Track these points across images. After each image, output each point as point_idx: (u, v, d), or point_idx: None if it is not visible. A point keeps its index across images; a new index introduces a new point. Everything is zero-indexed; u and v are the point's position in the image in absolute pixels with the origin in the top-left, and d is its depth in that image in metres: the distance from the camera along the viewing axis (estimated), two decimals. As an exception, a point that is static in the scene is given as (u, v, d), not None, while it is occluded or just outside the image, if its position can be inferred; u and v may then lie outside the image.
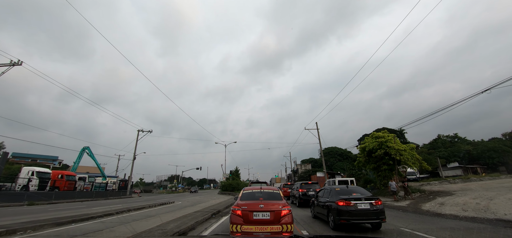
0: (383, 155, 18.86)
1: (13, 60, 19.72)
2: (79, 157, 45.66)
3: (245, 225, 5.39)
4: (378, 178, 20.27)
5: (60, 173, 31.09)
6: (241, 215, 5.52)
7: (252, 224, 5.39)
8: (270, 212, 5.50)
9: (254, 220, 5.44)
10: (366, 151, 20.45)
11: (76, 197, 28.02)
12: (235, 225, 5.44)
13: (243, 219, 5.47)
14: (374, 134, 20.66)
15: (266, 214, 5.48)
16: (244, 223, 5.42)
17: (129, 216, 11.63)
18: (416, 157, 18.72)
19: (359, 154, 21.72)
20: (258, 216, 5.47)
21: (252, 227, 5.36)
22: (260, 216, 5.47)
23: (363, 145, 20.83)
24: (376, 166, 20.11)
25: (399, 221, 9.44)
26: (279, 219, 5.44)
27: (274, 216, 5.45)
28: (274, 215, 5.46)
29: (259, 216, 5.48)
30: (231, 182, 36.49)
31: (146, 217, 11.05)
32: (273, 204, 5.73)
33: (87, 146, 46.73)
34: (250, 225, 5.38)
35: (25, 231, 7.29)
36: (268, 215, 5.47)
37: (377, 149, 19.14)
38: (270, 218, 5.45)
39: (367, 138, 21.73)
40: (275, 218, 5.44)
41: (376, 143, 19.31)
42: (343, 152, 77.57)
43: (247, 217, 5.47)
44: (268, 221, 5.43)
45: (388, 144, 18.74)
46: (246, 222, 5.42)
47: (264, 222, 5.41)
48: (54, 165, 68.24)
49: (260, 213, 5.50)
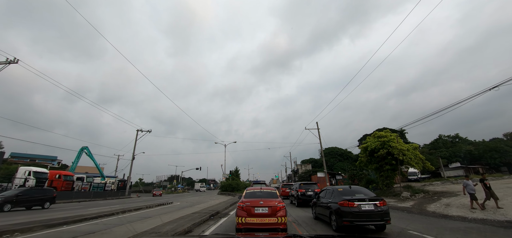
0: (386, 154, 18.46)
1: (9, 58, 19.37)
2: (78, 157, 45.31)
3: (248, 217, 6.64)
4: (381, 178, 19.86)
5: (57, 173, 30.71)
6: (245, 209, 6.78)
7: (254, 217, 6.64)
8: (268, 207, 6.75)
9: (255, 213, 6.68)
10: (368, 151, 20.05)
11: (73, 198, 27.65)
12: (241, 217, 6.68)
13: (246, 212, 6.72)
14: (376, 133, 20.26)
15: (265, 209, 6.73)
16: (247, 215, 6.67)
17: (124, 218, 11.25)
18: (419, 156, 18.33)
19: (361, 154, 21.32)
20: (259, 210, 6.72)
21: (254, 219, 6.60)
22: (260, 210, 6.72)
23: (364, 145, 20.44)
24: (378, 166, 19.71)
25: (405, 222, 9.05)
26: (275, 213, 6.68)
27: (271, 210, 6.69)
28: (271, 210, 6.70)
29: (259, 210, 6.72)
30: (231, 182, 36.03)
31: (142, 219, 10.68)
32: (271, 201, 6.97)
33: (85, 146, 46.38)
34: (252, 217, 6.63)
35: (12, 233, 6.91)
36: (266, 210, 6.71)
37: (380, 149, 18.75)
38: (268, 212, 6.69)
39: (369, 137, 21.35)
40: (272, 212, 6.68)
41: (379, 142, 18.92)
42: (343, 152, 77.30)
43: (249, 211, 6.71)
44: (266, 214, 6.67)
45: (391, 143, 18.35)
46: (249, 215, 6.67)
47: (263, 215, 6.67)
48: (53, 165, 67.79)
49: (260, 208, 6.75)
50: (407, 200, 16.03)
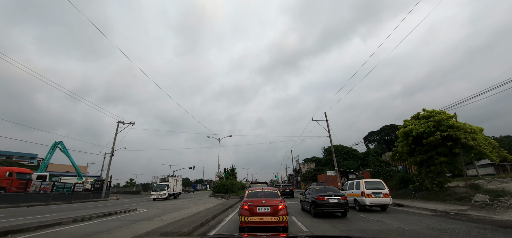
0: (443, 140, 12.74)
1: None
2: (50, 152, 39.46)
3: (251, 216, 6.82)
4: (429, 174, 14.13)
5: (8, 170, 24.79)
6: (248, 209, 6.98)
7: (256, 216, 6.83)
8: (270, 206, 6.95)
9: (258, 212, 6.89)
10: (410, 137, 14.32)
11: (22, 201, 21.71)
12: (244, 216, 6.84)
13: (249, 212, 6.91)
14: (425, 112, 14.44)
15: (267, 208, 6.93)
16: (250, 215, 6.86)
17: None
18: (492, 143, 12.62)
19: (399, 141, 15.52)
20: (261, 210, 6.93)
21: (256, 217, 6.80)
22: (262, 209, 6.93)
23: (405, 129, 14.66)
24: (426, 157, 14.00)
25: None
26: (277, 212, 6.85)
27: (273, 210, 6.89)
28: (273, 209, 6.90)
29: (262, 209, 6.93)
30: (225, 182, 30.08)
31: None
32: (272, 200, 7.20)
33: (59, 140, 40.54)
34: (255, 216, 6.82)
35: None
36: (268, 209, 6.91)
37: (432, 132, 13.03)
38: (270, 211, 6.88)
39: (406, 120, 15.66)
40: (274, 211, 6.87)
41: (432, 122, 13.12)
42: (348, 150, 72.40)
43: (252, 210, 6.93)
44: (268, 213, 6.86)
45: (451, 122, 12.64)
46: (252, 214, 6.86)
47: (265, 214, 6.85)
48: (31, 163, 61.80)
49: (262, 207, 6.96)
50: (489, 207, 10.27)
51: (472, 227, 7.35)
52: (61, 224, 8.64)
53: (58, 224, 8.56)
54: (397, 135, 15.77)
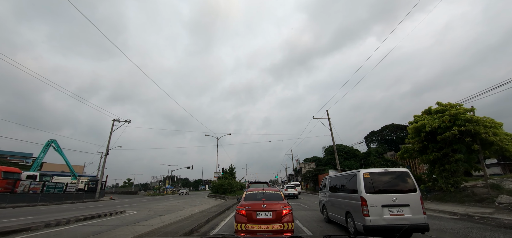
0: (459, 135, 11.59)
1: None
2: (43, 151, 38.18)
3: (249, 224, 5.64)
4: (443, 173, 12.98)
5: (-5, 169, 23.63)
6: (245, 214, 5.76)
7: (256, 223, 5.65)
8: (272, 211, 5.73)
9: (257, 219, 5.69)
10: (423, 134, 13.17)
11: (8, 202, 20.53)
12: (240, 224, 5.66)
13: (247, 218, 5.72)
14: (439, 105, 13.27)
15: (268, 214, 5.72)
16: (248, 222, 5.67)
17: None
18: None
19: (410, 137, 14.34)
20: (261, 216, 5.72)
21: (256, 225, 5.61)
22: (263, 215, 5.72)
23: (417, 124, 13.49)
24: (440, 155, 12.84)
25: None
26: (281, 218, 5.66)
27: (276, 215, 5.69)
28: (276, 215, 5.69)
29: (262, 215, 5.72)
30: (223, 182, 28.91)
31: None
32: (275, 204, 5.93)
33: (53, 139, 39.31)
34: (253, 224, 5.63)
35: None
36: (270, 215, 5.71)
37: (448, 127, 11.88)
38: (272, 217, 5.69)
39: (418, 116, 14.51)
40: (277, 217, 5.68)
41: (448, 116, 11.96)
42: (349, 150, 71.05)
43: (251, 216, 5.72)
44: (270, 220, 5.67)
45: (469, 116, 11.49)
46: (250, 221, 5.67)
47: (267, 221, 5.66)
48: (26, 162, 60.55)
49: (263, 213, 5.73)
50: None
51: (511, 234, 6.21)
52: (29, 230, 7.46)
53: (25, 230, 7.38)
54: (407, 131, 14.59)
